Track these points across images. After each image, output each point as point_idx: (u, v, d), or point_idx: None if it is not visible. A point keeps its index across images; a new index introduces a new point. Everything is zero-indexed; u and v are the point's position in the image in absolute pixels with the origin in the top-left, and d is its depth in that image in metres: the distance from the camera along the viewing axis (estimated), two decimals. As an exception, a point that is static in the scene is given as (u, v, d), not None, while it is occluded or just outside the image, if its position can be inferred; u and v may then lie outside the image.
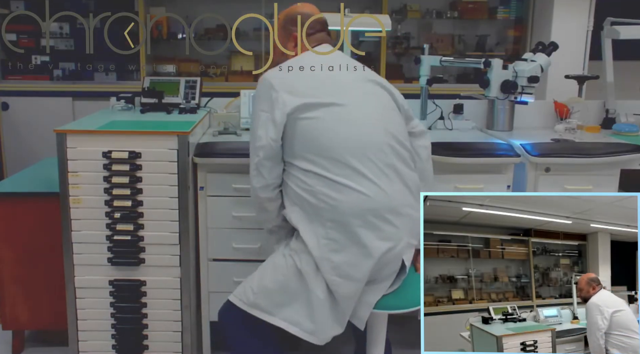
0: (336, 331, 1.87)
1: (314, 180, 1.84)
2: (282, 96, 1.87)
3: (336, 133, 1.84)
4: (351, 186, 1.81)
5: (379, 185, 1.83)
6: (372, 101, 1.95)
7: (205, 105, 2.98)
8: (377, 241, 1.82)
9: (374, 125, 1.89)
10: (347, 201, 1.81)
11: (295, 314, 1.86)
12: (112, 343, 2.39)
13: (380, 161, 1.85)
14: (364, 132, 1.87)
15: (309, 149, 1.85)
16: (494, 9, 5.13)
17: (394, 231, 1.84)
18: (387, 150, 1.87)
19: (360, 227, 1.81)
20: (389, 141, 1.89)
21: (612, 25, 3.00)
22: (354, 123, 1.87)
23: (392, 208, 1.84)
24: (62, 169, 2.26)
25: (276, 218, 2.01)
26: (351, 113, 1.88)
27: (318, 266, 1.84)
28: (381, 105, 1.97)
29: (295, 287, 1.87)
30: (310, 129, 1.85)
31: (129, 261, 2.32)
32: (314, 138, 1.84)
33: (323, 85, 1.92)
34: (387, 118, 1.94)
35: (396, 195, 1.86)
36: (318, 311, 1.84)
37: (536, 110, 3.11)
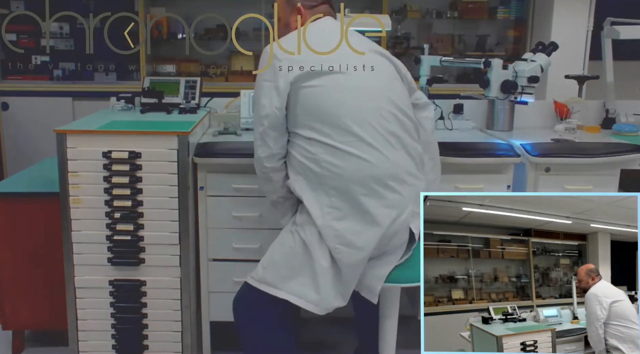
0: (339, 302, 1.89)
1: (317, 148, 1.86)
2: (285, 65, 1.87)
3: (339, 101, 1.86)
4: (354, 154, 1.83)
5: (380, 151, 1.85)
6: (375, 70, 1.95)
7: (205, 105, 2.98)
8: (382, 208, 1.84)
9: (376, 93, 1.91)
10: (350, 169, 1.83)
11: (301, 287, 1.88)
12: (112, 343, 2.39)
13: (382, 128, 1.87)
14: (366, 100, 1.88)
15: (312, 117, 1.86)
16: (494, 9, 5.13)
17: (398, 199, 1.86)
18: (390, 117, 1.89)
19: (363, 195, 1.83)
20: (392, 109, 1.90)
21: (612, 25, 3.00)
22: (356, 90, 1.88)
23: (395, 175, 1.86)
24: (62, 169, 2.26)
25: (281, 189, 2.02)
26: (353, 81, 1.89)
27: (322, 234, 1.86)
28: (384, 75, 1.98)
29: (301, 259, 1.90)
30: (313, 97, 1.86)
31: (129, 261, 2.32)
32: (317, 106, 1.86)
33: (325, 54, 1.91)
34: (390, 88, 1.96)
35: (399, 161, 1.88)
36: (322, 280, 1.86)
37: (536, 110, 3.11)
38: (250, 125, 2.78)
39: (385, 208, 1.84)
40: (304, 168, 1.90)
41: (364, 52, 1.95)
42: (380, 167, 1.84)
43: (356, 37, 2.00)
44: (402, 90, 2.00)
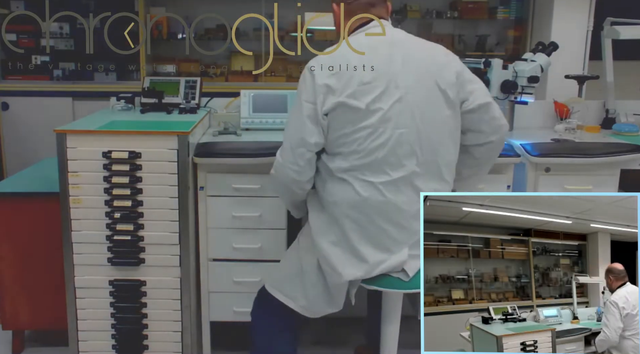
0: (331, 309, 1.95)
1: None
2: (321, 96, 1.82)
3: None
4: (350, 183, 1.84)
5: (381, 191, 1.83)
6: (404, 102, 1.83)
7: (205, 105, 2.98)
8: (372, 248, 1.85)
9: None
10: (344, 199, 1.85)
11: (292, 291, 1.97)
12: (112, 343, 2.39)
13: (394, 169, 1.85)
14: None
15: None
16: (494, 9, 5.13)
17: (391, 243, 1.85)
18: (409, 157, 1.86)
19: (353, 231, 1.85)
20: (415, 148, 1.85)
21: (612, 25, 3.00)
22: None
23: (394, 220, 1.84)
24: (62, 169, 2.26)
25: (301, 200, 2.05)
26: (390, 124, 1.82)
27: (315, 251, 1.91)
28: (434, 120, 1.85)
29: (296, 267, 1.99)
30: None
31: (129, 261, 2.32)
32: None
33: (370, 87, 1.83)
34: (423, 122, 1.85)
35: (403, 206, 1.84)
36: (310, 292, 1.94)
37: (536, 110, 3.11)
38: (249, 125, 2.79)
39: (375, 249, 1.85)
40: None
41: (416, 82, 1.84)
42: (376, 206, 1.82)
43: (413, 55, 1.90)
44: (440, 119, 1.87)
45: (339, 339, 2.80)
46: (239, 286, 2.46)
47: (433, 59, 1.93)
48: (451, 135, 1.89)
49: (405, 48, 1.89)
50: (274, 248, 2.43)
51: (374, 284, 1.89)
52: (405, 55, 1.87)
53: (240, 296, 2.46)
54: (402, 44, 1.91)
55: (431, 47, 1.98)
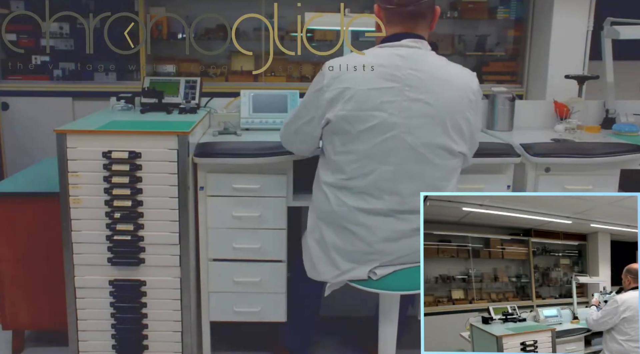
0: (330, 277, 1.99)
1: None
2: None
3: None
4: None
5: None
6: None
7: (205, 105, 2.98)
8: (345, 260, 1.93)
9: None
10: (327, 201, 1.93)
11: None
12: (112, 343, 2.39)
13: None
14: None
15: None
16: (494, 9, 5.13)
17: (360, 256, 1.91)
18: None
19: (331, 233, 1.94)
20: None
21: (612, 25, 3.00)
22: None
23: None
24: (62, 169, 2.26)
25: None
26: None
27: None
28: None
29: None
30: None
31: (129, 261, 2.32)
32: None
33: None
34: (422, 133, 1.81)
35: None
36: (315, 259, 2.00)
37: (536, 110, 3.11)
38: (249, 125, 2.79)
39: (343, 259, 1.92)
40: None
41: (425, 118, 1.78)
42: (348, 222, 1.88)
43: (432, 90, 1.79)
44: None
45: (349, 339, 2.80)
46: (239, 286, 2.46)
47: (451, 100, 1.79)
48: (447, 176, 1.87)
49: (423, 83, 1.77)
50: (274, 248, 2.43)
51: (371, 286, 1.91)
52: (420, 89, 1.76)
53: (240, 296, 2.47)
54: (424, 74, 1.77)
55: (455, 87, 1.81)
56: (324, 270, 1.96)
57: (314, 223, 2.00)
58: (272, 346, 2.65)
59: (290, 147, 2.14)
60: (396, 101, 1.76)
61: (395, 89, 1.76)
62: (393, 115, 1.76)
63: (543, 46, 4.66)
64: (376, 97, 1.76)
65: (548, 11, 4.60)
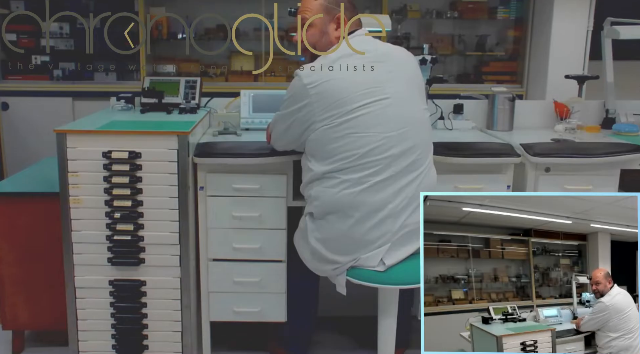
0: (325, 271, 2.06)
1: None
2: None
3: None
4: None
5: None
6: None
7: (205, 105, 2.98)
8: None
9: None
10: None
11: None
12: (112, 343, 2.39)
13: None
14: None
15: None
16: (494, 9, 5.13)
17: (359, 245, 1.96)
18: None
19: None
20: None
21: (612, 25, 3.00)
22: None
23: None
24: (62, 169, 2.26)
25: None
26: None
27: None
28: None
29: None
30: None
31: (129, 261, 2.32)
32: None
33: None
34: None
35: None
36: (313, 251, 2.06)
37: (536, 110, 3.10)
38: (249, 125, 2.79)
39: (339, 255, 1.98)
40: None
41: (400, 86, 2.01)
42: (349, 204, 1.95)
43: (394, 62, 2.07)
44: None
45: (348, 339, 2.80)
46: (239, 286, 2.46)
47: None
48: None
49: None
50: (274, 248, 2.43)
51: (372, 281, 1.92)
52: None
53: (240, 296, 2.47)
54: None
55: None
56: (333, 258, 1.98)
57: (313, 222, 2.02)
58: (272, 346, 2.65)
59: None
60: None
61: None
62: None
63: (543, 46, 4.67)
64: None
65: (548, 11, 4.60)
